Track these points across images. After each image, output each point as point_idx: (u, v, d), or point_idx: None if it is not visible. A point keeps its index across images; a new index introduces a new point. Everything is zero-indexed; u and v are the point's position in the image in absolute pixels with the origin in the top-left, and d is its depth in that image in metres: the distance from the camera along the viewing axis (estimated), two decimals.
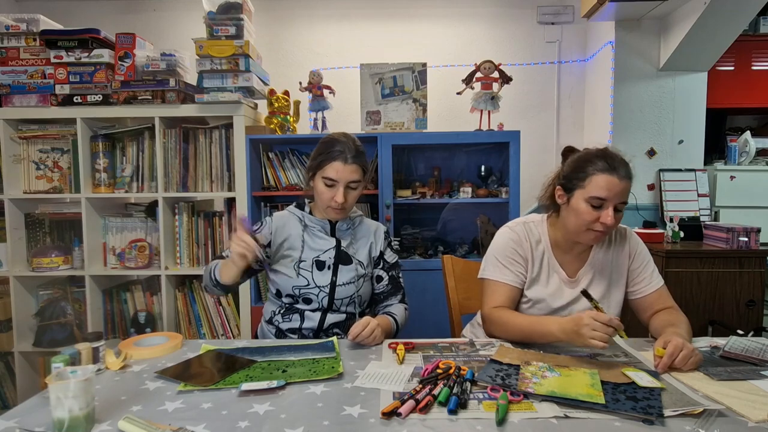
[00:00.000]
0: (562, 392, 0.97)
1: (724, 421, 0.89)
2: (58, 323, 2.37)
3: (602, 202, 1.25)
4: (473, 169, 2.77)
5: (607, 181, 1.23)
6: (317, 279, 1.46)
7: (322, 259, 1.47)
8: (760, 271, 2.32)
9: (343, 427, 0.88)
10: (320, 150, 1.44)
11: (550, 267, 1.40)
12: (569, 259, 1.41)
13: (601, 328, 1.08)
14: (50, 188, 2.40)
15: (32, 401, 1.01)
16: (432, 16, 3.11)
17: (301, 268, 1.46)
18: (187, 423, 0.90)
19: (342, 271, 1.48)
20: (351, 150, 1.41)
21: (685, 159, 2.87)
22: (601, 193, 1.24)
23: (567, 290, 1.39)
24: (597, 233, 1.28)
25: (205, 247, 2.43)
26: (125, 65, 2.30)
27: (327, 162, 1.41)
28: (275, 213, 1.57)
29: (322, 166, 1.42)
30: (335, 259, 1.48)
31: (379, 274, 1.56)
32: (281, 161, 2.61)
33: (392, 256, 1.59)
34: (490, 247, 1.45)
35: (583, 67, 3.14)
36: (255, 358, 1.21)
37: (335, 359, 1.19)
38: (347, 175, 1.40)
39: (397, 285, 1.58)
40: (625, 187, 1.24)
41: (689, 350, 1.11)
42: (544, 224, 1.44)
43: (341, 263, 1.48)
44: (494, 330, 1.35)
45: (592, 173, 1.25)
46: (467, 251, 2.69)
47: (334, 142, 1.43)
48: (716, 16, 2.43)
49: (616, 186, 1.23)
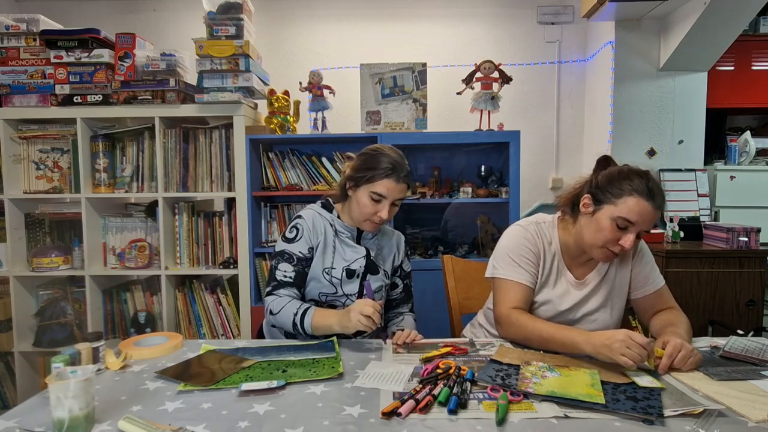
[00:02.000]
0: (562, 392, 0.97)
1: (724, 421, 0.89)
2: (58, 323, 2.37)
3: (628, 225, 1.20)
4: (473, 169, 2.77)
5: (642, 206, 1.18)
6: (346, 287, 1.44)
7: (353, 268, 1.45)
8: (760, 271, 2.32)
9: (343, 427, 0.88)
10: (371, 163, 1.39)
11: (559, 269, 1.38)
12: (578, 263, 1.40)
13: (635, 347, 1.04)
14: (50, 188, 2.40)
15: (32, 401, 1.01)
16: (432, 16, 3.11)
17: (332, 276, 1.44)
18: (187, 423, 0.90)
19: (370, 280, 1.48)
20: (403, 169, 1.39)
21: (685, 159, 2.87)
22: (631, 217, 1.19)
23: (574, 292, 1.38)
24: (610, 253, 1.24)
25: (205, 247, 2.43)
26: (125, 65, 2.30)
27: (379, 177, 1.37)
28: (303, 213, 1.49)
29: (372, 180, 1.37)
30: (365, 269, 1.47)
31: (395, 281, 1.59)
32: (281, 161, 2.61)
33: (408, 266, 1.63)
34: (501, 245, 1.41)
35: (583, 67, 3.14)
36: (255, 358, 1.21)
37: (335, 359, 1.19)
38: (396, 193, 1.39)
39: (409, 293, 1.63)
40: (654, 217, 1.21)
41: (688, 350, 1.11)
42: (555, 226, 1.41)
43: (370, 272, 1.48)
44: (511, 332, 1.29)
45: (629, 193, 1.20)
46: (467, 251, 2.69)
47: (387, 158, 1.39)
48: (716, 16, 2.43)
49: (649, 214, 1.19)
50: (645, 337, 1.07)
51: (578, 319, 1.39)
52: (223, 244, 2.43)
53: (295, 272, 1.41)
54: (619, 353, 1.04)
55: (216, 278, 2.57)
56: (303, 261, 1.43)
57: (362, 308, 1.22)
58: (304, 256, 1.43)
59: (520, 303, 1.31)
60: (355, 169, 1.42)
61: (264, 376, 1.09)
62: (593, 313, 1.38)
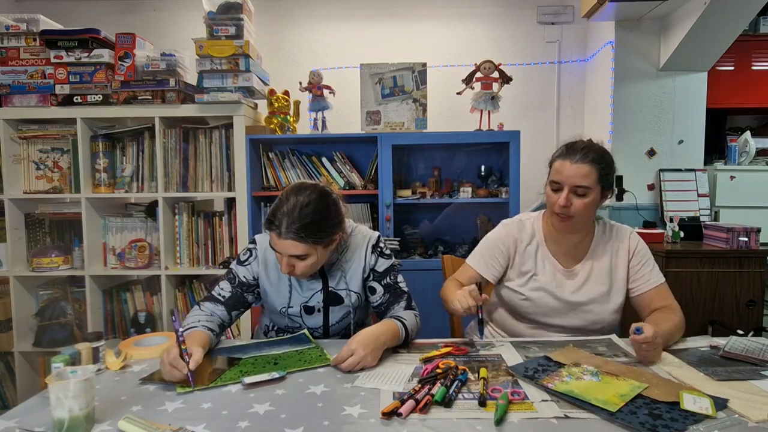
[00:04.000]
0: (580, 394, 0.97)
1: (724, 421, 0.89)
2: (58, 323, 2.36)
3: (558, 185, 1.34)
4: (473, 169, 2.77)
5: (560, 165, 1.34)
6: (308, 322, 1.41)
7: (310, 305, 1.38)
8: (760, 271, 2.32)
9: (343, 427, 0.88)
10: (273, 208, 1.26)
11: (544, 258, 1.46)
12: (565, 250, 1.45)
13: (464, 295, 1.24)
14: (50, 188, 2.40)
15: (32, 401, 1.01)
16: (432, 16, 3.11)
17: (290, 314, 1.39)
18: (187, 423, 0.90)
19: (333, 311, 1.40)
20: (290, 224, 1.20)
21: (685, 159, 2.87)
22: (555, 176, 1.35)
23: (564, 280, 1.44)
24: (558, 217, 1.37)
25: (205, 247, 2.43)
26: (125, 65, 2.30)
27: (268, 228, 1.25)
28: (258, 239, 1.42)
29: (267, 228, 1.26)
30: (324, 303, 1.39)
31: (371, 285, 1.42)
32: (281, 161, 2.61)
33: (383, 263, 1.42)
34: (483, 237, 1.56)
35: (583, 67, 3.14)
36: (237, 355, 1.22)
37: (317, 348, 1.26)
38: (286, 248, 1.23)
39: (397, 292, 1.42)
40: (578, 172, 1.31)
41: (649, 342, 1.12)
42: (539, 220, 1.51)
43: (331, 305, 1.39)
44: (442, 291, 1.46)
45: (554, 160, 1.38)
46: (467, 251, 2.68)
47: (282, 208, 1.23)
48: (716, 16, 2.43)
49: (568, 169, 1.32)
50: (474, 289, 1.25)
51: (573, 310, 1.42)
52: (223, 244, 2.43)
53: (231, 293, 1.38)
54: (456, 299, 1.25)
55: (216, 278, 2.57)
56: (243, 286, 1.40)
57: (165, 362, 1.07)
58: (247, 281, 1.39)
59: (462, 280, 1.49)
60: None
61: (258, 370, 1.11)
62: (588, 304, 1.41)
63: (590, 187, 1.32)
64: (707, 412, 0.91)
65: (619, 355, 1.21)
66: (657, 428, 0.86)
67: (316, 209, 1.23)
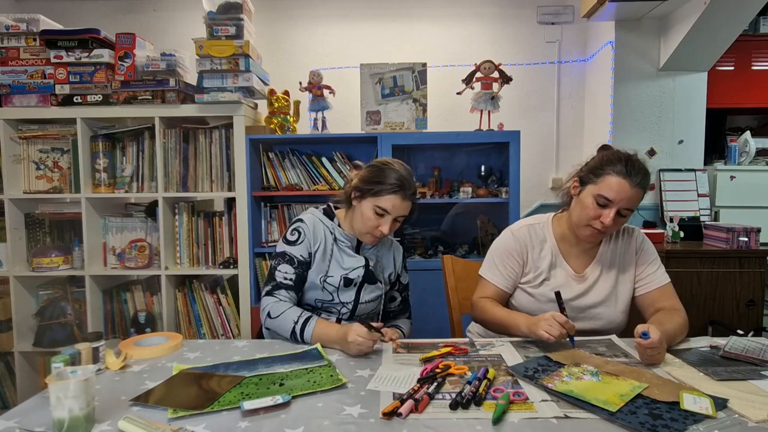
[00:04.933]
0: (580, 394, 0.97)
1: (724, 421, 0.89)
2: (58, 323, 2.36)
3: (608, 203, 1.28)
4: (473, 169, 2.77)
5: (618, 183, 1.27)
6: (342, 296, 1.44)
7: (351, 277, 1.44)
8: (760, 271, 2.32)
9: (343, 427, 0.88)
10: (379, 177, 1.38)
11: (557, 264, 1.44)
12: (576, 254, 1.44)
13: (556, 326, 1.19)
14: (50, 188, 2.40)
15: (32, 401, 1.01)
16: (432, 16, 3.11)
17: (327, 283, 1.43)
18: (187, 423, 0.90)
19: (367, 289, 1.47)
20: (411, 187, 1.39)
21: (685, 159, 2.87)
22: (609, 194, 1.28)
23: (575, 284, 1.42)
24: (594, 231, 1.33)
25: (205, 247, 2.43)
26: (125, 65, 2.30)
27: (385, 193, 1.36)
28: (304, 217, 1.48)
29: (378, 195, 1.36)
30: (363, 278, 1.46)
31: (393, 294, 1.59)
32: (281, 161, 2.61)
33: (406, 278, 1.62)
34: (491, 247, 1.52)
35: (583, 67, 3.14)
36: (241, 373, 1.12)
37: (329, 367, 1.14)
38: (400, 210, 1.38)
39: (407, 305, 1.63)
40: (634, 195, 1.27)
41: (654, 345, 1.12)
42: (549, 223, 1.48)
43: (368, 282, 1.47)
44: (478, 315, 1.46)
45: (608, 173, 1.29)
46: (467, 251, 2.69)
47: (396, 173, 1.38)
48: (716, 16, 2.43)
49: (626, 191, 1.27)
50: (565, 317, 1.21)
51: (582, 313, 1.41)
52: (223, 244, 2.43)
53: (295, 275, 1.41)
54: (542, 329, 1.19)
55: (216, 278, 2.57)
56: (303, 265, 1.43)
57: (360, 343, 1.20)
58: (305, 259, 1.43)
59: (489, 296, 1.46)
60: (362, 180, 1.40)
61: (261, 392, 1.01)
62: (596, 307, 1.40)
63: (634, 210, 1.31)
64: (707, 412, 0.90)
65: (619, 355, 1.21)
66: (657, 428, 0.85)
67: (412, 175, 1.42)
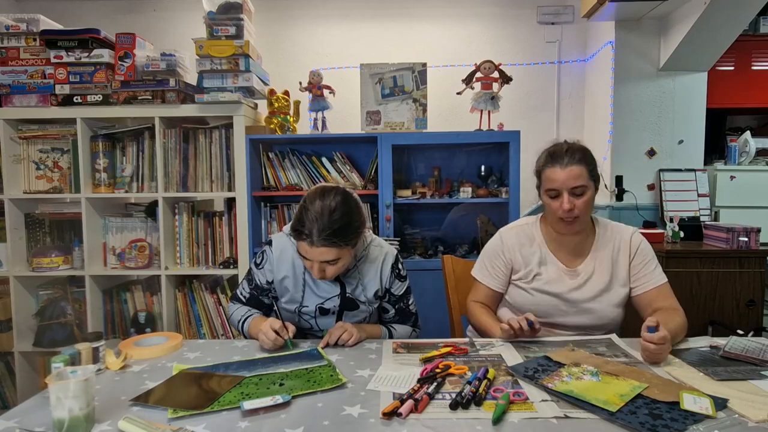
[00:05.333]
0: (580, 394, 0.97)
1: (724, 421, 0.89)
2: (58, 323, 2.36)
3: (556, 192, 1.36)
4: (473, 169, 2.77)
5: (552, 172, 1.36)
6: (321, 323, 1.42)
7: (326, 307, 1.39)
8: (760, 271, 2.32)
9: (343, 427, 0.88)
10: (297, 218, 1.26)
11: (546, 260, 1.47)
12: (566, 250, 1.47)
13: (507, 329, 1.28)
14: (50, 188, 2.40)
15: (32, 401, 1.01)
16: (432, 16, 3.11)
17: (303, 313, 1.40)
18: (187, 423, 0.90)
19: (347, 315, 1.41)
20: (322, 231, 1.21)
21: (685, 159, 2.87)
22: (551, 185, 1.37)
23: (567, 279, 1.44)
24: (563, 221, 1.39)
25: (205, 247, 2.43)
26: (125, 65, 2.30)
27: (297, 238, 1.26)
28: (274, 239, 1.43)
29: (296, 239, 1.27)
30: (340, 307, 1.39)
31: (384, 306, 1.48)
32: (281, 161, 2.61)
33: (400, 287, 1.46)
34: (483, 248, 1.59)
35: (583, 67, 3.14)
36: (241, 373, 1.12)
37: (329, 367, 1.15)
38: (318, 256, 1.24)
39: (406, 314, 1.50)
40: (571, 174, 1.34)
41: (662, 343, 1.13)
42: (537, 223, 1.53)
43: (347, 309, 1.40)
44: (469, 318, 1.53)
45: (542, 170, 1.40)
46: (467, 251, 2.69)
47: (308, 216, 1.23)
48: (716, 16, 2.43)
49: (561, 175, 1.34)
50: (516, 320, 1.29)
51: (574, 307, 1.42)
52: (223, 244, 2.43)
53: (250, 294, 1.46)
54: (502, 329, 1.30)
55: (216, 278, 2.58)
56: (259, 289, 1.44)
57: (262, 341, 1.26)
58: (262, 285, 1.43)
59: (481, 299, 1.53)
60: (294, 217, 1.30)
61: (261, 392, 1.01)
62: (589, 302, 1.42)
63: (586, 185, 1.36)
64: (707, 412, 0.90)
65: (619, 355, 1.21)
66: (657, 428, 0.86)
67: (343, 213, 1.24)
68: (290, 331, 1.29)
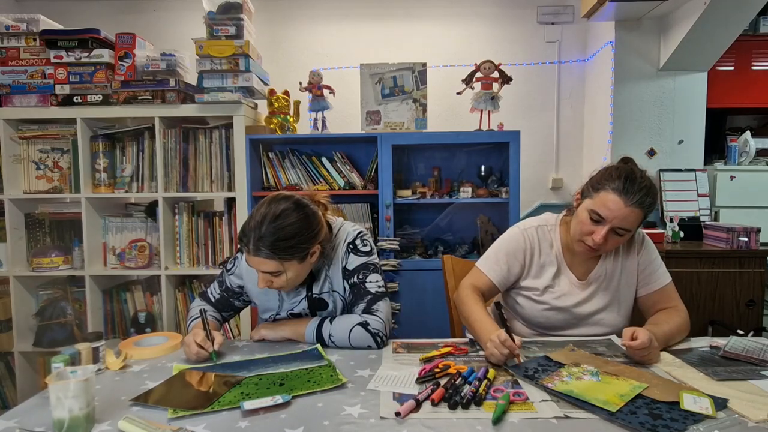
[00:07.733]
0: (580, 394, 0.97)
1: (724, 421, 0.89)
2: (58, 323, 2.36)
3: (601, 219, 1.24)
4: (473, 169, 2.77)
5: (613, 201, 1.22)
6: None
7: (296, 312, 1.37)
8: (760, 271, 2.32)
9: (343, 427, 0.88)
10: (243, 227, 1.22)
11: (561, 272, 1.40)
12: (579, 261, 1.40)
13: (499, 348, 1.12)
14: (50, 188, 2.40)
15: (32, 401, 1.01)
16: (432, 16, 3.11)
17: (277, 320, 1.39)
18: (187, 423, 0.90)
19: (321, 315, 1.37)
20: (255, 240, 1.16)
21: (685, 159, 2.87)
22: (602, 211, 1.23)
23: (578, 291, 1.39)
24: (586, 247, 1.29)
25: (205, 247, 2.43)
26: (125, 65, 2.30)
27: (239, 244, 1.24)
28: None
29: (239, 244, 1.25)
30: (309, 309, 1.36)
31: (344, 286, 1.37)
32: (281, 161, 2.61)
33: (354, 261, 1.34)
34: (498, 240, 1.45)
35: (583, 67, 3.14)
36: (241, 373, 1.11)
37: (329, 367, 1.14)
38: (257, 265, 1.20)
39: (360, 292, 1.32)
40: (629, 214, 1.21)
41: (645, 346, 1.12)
42: (557, 227, 1.43)
43: (317, 309, 1.36)
44: (457, 301, 1.38)
45: (605, 188, 1.24)
46: (467, 251, 2.69)
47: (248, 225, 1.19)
48: (716, 16, 2.43)
49: (620, 210, 1.21)
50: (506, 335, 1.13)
51: (585, 320, 1.39)
52: (223, 244, 2.43)
53: (219, 296, 1.44)
54: (488, 352, 1.15)
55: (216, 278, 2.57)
56: (230, 291, 1.43)
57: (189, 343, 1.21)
58: (232, 289, 1.42)
59: (479, 285, 1.39)
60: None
61: (261, 392, 1.01)
62: (599, 313, 1.38)
63: (631, 230, 1.25)
64: (707, 412, 0.90)
65: (619, 355, 1.21)
66: (657, 428, 0.85)
67: (289, 223, 1.18)
68: (216, 343, 1.21)
